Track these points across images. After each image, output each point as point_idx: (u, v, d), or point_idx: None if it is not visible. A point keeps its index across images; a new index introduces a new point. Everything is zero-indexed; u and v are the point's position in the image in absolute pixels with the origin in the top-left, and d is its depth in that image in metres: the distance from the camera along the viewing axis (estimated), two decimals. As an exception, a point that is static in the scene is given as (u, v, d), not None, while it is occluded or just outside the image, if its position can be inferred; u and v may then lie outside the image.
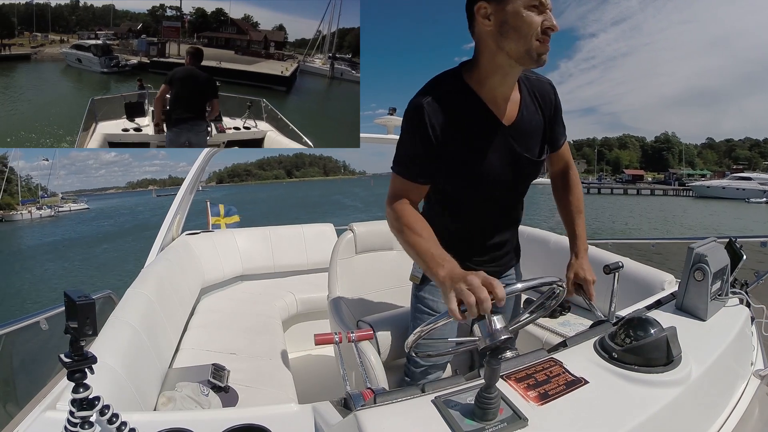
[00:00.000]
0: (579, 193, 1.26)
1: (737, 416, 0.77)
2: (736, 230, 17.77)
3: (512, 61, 0.93)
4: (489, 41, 0.93)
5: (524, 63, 0.92)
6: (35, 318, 1.66)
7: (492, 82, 0.98)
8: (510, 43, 0.90)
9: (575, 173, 1.27)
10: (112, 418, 0.63)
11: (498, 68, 0.95)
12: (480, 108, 0.99)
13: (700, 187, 36.56)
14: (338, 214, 25.79)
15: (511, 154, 1.04)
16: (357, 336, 1.25)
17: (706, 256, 0.89)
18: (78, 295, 0.55)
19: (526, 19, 0.87)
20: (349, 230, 1.84)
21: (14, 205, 44.52)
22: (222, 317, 2.27)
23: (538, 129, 1.08)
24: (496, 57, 0.94)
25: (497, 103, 1.00)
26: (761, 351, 1.02)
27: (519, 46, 0.89)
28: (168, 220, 2.45)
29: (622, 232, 17.74)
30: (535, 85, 1.08)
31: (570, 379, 0.67)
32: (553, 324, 1.92)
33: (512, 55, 0.91)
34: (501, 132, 1.01)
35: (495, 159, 1.02)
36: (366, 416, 0.58)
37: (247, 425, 0.72)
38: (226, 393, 1.49)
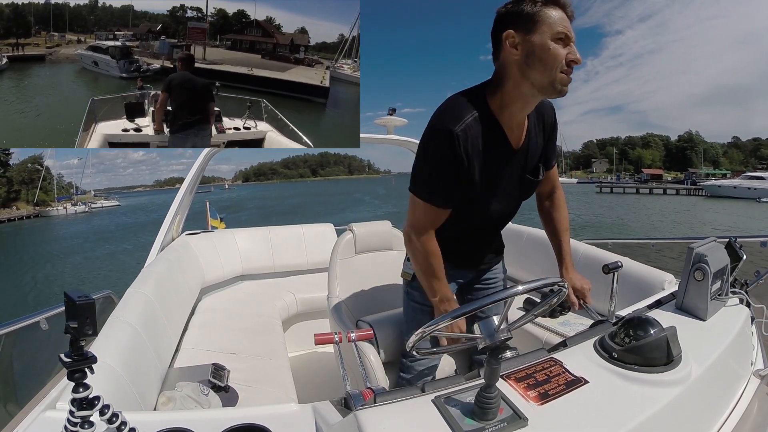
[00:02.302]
0: (565, 213, 1.32)
1: (737, 416, 0.77)
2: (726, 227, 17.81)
3: (535, 91, 0.94)
4: (514, 70, 0.94)
5: (547, 93, 0.94)
6: (35, 318, 1.66)
7: (513, 109, 0.99)
8: (535, 73, 0.92)
9: (561, 194, 1.32)
10: (112, 417, 0.63)
11: (521, 96, 0.97)
12: (499, 135, 1.01)
13: (712, 186, 36.22)
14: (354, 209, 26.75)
15: (519, 176, 1.09)
16: (357, 336, 1.25)
17: (706, 256, 0.89)
18: (78, 295, 0.55)
19: (552, 51, 0.89)
20: (349, 230, 1.85)
21: (49, 202, 47.31)
22: (222, 317, 2.26)
23: (539, 150, 1.12)
24: (520, 86, 0.95)
25: (512, 128, 1.02)
26: (761, 351, 1.02)
27: (544, 77, 0.91)
28: (168, 220, 2.45)
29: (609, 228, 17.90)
30: (539, 107, 1.09)
31: (570, 378, 0.67)
32: (553, 324, 1.91)
33: (536, 85, 0.93)
34: (512, 156, 1.05)
35: (505, 182, 1.07)
36: (366, 416, 0.58)
37: (247, 425, 0.72)
38: (226, 393, 1.49)
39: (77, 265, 14.74)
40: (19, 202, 45.03)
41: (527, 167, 1.10)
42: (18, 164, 48.05)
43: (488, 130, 0.98)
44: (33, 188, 46.64)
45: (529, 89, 0.94)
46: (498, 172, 1.04)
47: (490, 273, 1.36)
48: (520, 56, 0.92)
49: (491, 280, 1.36)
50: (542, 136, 1.12)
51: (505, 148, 1.02)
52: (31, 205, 44.94)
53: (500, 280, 1.38)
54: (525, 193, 1.16)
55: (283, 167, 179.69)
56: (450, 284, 1.24)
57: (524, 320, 0.82)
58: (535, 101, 0.99)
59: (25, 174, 46.95)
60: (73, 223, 35.20)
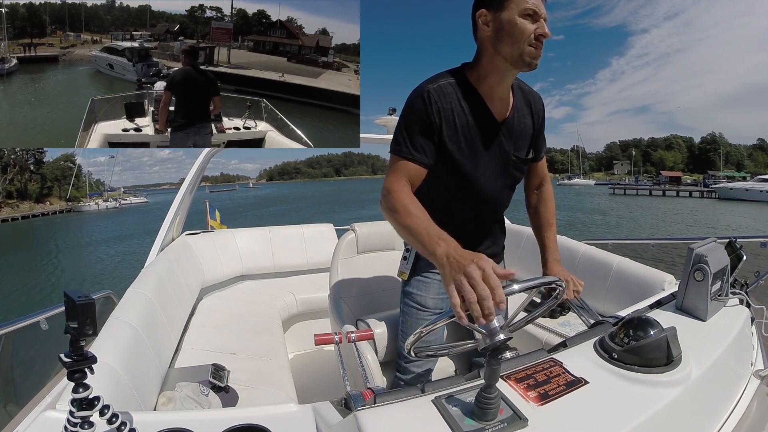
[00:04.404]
0: (552, 207, 1.33)
1: (737, 416, 0.77)
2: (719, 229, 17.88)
3: (507, 64, 1.01)
4: (488, 45, 1.03)
5: (518, 66, 1.01)
6: (35, 318, 1.66)
7: (490, 81, 1.06)
8: (505, 47, 1.00)
9: (549, 188, 1.35)
10: (112, 418, 0.63)
11: (496, 70, 1.04)
12: (478, 102, 1.07)
13: (723, 188, 36.14)
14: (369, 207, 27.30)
15: (501, 149, 1.11)
16: (357, 336, 1.25)
17: (706, 257, 0.89)
18: (78, 295, 0.55)
19: (520, 26, 0.97)
20: (351, 230, 1.84)
21: (80, 198, 50.62)
22: (222, 317, 2.27)
23: (527, 132, 1.16)
24: (494, 59, 1.03)
25: (493, 101, 1.08)
26: (761, 351, 1.02)
27: (513, 50, 0.99)
28: (168, 221, 2.45)
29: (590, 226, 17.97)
30: (528, 95, 1.18)
31: (570, 379, 0.67)
32: (553, 324, 1.92)
33: (507, 59, 1.00)
34: (494, 127, 1.09)
35: (487, 151, 1.09)
36: (366, 416, 0.58)
37: (247, 425, 0.72)
38: (226, 393, 1.49)
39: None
40: (52, 197, 47.82)
41: (513, 144, 1.12)
42: (51, 162, 51.10)
43: (466, 96, 1.05)
44: (65, 185, 49.37)
45: (502, 62, 1.01)
46: (481, 141, 1.07)
47: None
48: (491, 32, 1.01)
49: None
50: (530, 119, 1.17)
51: (487, 117, 1.07)
52: (64, 201, 47.61)
53: None
54: (512, 174, 1.17)
55: (307, 166, 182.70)
56: None
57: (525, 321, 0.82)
58: (510, 75, 1.05)
59: (58, 171, 49.71)
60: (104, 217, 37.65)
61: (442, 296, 1.24)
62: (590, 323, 1.07)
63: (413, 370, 1.31)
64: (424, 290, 1.24)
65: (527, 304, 0.85)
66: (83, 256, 16.88)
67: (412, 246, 1.11)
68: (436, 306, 1.24)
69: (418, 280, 1.25)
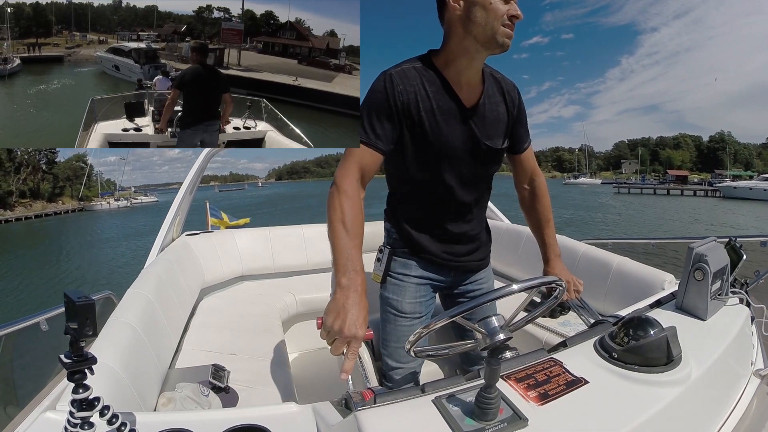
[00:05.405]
0: (547, 202, 1.28)
1: (737, 416, 0.77)
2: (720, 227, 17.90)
3: (479, 46, 0.98)
4: (458, 26, 0.99)
5: (490, 47, 0.98)
6: (35, 319, 1.66)
7: (458, 65, 1.03)
8: (477, 27, 0.96)
9: (542, 181, 1.28)
10: (112, 418, 0.63)
11: (465, 52, 1.01)
12: (443, 86, 1.03)
13: (727, 187, 35.91)
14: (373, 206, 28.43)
15: (471, 136, 1.07)
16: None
17: (706, 256, 0.89)
18: (78, 296, 0.55)
19: (493, 5, 0.94)
20: None
21: (92, 197, 52.03)
22: (222, 318, 2.26)
23: (500, 120, 1.11)
24: (463, 41, 0.99)
25: (460, 85, 1.05)
26: (761, 351, 1.02)
27: (486, 30, 0.95)
28: (168, 221, 2.45)
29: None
30: (501, 82, 1.13)
31: (570, 379, 0.66)
32: (553, 324, 1.91)
33: (479, 39, 0.97)
34: (462, 113, 1.05)
35: (455, 138, 1.05)
36: (366, 416, 0.58)
37: (247, 425, 0.72)
38: (227, 393, 1.49)
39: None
40: (64, 197, 49.47)
41: (485, 131, 1.08)
42: (63, 162, 52.63)
43: (431, 80, 1.02)
44: (77, 184, 50.67)
45: (472, 43, 0.98)
46: (443, 122, 1.03)
47: (476, 283, 1.25)
48: (462, 11, 0.97)
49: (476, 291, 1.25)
50: (504, 107, 1.12)
51: (455, 102, 1.04)
52: (76, 200, 49.04)
53: (488, 289, 1.27)
54: (484, 164, 1.11)
55: (316, 166, 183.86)
56: (425, 287, 1.18)
57: (525, 320, 0.82)
58: (479, 57, 1.02)
59: (70, 171, 51.04)
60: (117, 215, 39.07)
61: (419, 299, 1.18)
62: (590, 323, 1.07)
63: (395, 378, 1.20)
64: (400, 294, 1.17)
65: (527, 303, 0.85)
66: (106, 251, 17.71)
67: None
68: (414, 311, 1.17)
69: (392, 283, 1.18)
